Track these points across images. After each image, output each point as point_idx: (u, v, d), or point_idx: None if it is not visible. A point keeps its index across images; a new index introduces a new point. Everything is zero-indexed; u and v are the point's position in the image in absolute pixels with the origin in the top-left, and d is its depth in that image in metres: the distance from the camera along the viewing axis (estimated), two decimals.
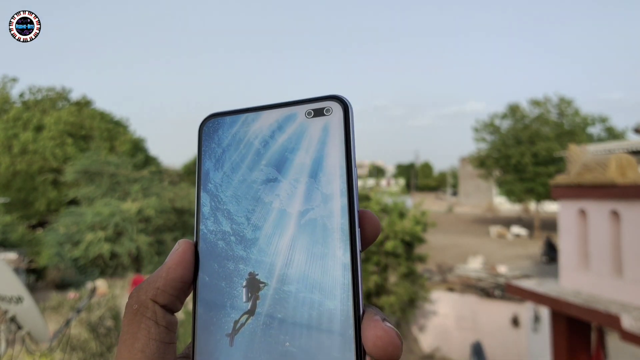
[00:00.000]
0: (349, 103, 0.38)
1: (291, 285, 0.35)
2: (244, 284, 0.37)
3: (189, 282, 0.37)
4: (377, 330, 0.33)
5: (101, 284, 11.81)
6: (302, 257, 0.36)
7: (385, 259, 12.07)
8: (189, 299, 0.40)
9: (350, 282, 0.34)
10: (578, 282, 6.62)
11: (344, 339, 0.34)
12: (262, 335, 0.35)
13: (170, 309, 0.36)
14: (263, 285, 0.36)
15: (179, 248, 0.37)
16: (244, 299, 0.36)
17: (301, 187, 0.37)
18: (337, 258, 0.35)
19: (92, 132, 21.03)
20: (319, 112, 0.38)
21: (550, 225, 23.91)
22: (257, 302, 0.36)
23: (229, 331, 0.36)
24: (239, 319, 0.36)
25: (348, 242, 0.35)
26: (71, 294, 10.10)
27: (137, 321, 0.35)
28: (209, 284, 0.37)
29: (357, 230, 0.36)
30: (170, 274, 0.36)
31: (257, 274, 0.36)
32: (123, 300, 6.30)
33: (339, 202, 0.36)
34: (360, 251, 0.36)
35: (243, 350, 0.35)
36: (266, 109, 0.40)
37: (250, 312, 0.36)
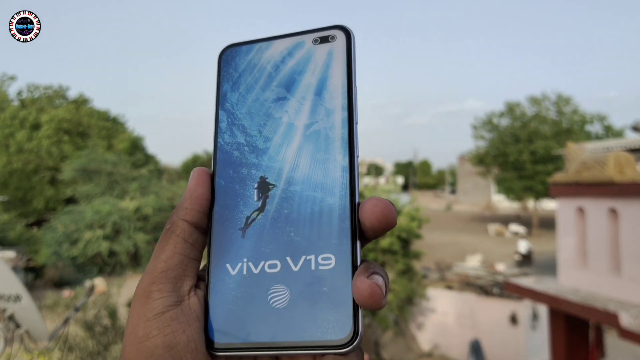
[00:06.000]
0: (352, 31, 0.42)
1: (297, 186, 0.40)
2: (256, 186, 0.41)
3: (211, 199, 0.41)
4: (373, 200, 0.37)
5: (99, 282, 11.78)
6: (307, 162, 0.40)
7: (382, 256, 12.06)
8: None
9: (348, 181, 0.39)
10: (576, 279, 6.63)
11: (341, 227, 0.38)
12: (270, 228, 0.39)
13: (200, 226, 0.40)
14: (272, 186, 0.40)
15: (194, 173, 0.42)
16: (255, 198, 0.40)
17: (307, 104, 0.41)
18: (337, 162, 0.39)
19: (90, 129, 20.96)
20: (324, 39, 0.43)
21: (548, 223, 23.95)
22: (267, 200, 0.40)
23: (242, 226, 0.40)
24: (250, 215, 0.40)
25: (347, 149, 0.39)
26: (66, 292, 10.08)
27: (167, 237, 0.39)
28: (224, 187, 0.42)
29: (356, 139, 0.40)
30: (193, 193, 0.40)
31: (267, 178, 0.41)
32: (120, 299, 6.29)
33: (340, 115, 0.40)
34: (358, 157, 0.40)
35: (253, 241, 0.39)
36: (278, 38, 0.44)
37: (261, 209, 0.40)
